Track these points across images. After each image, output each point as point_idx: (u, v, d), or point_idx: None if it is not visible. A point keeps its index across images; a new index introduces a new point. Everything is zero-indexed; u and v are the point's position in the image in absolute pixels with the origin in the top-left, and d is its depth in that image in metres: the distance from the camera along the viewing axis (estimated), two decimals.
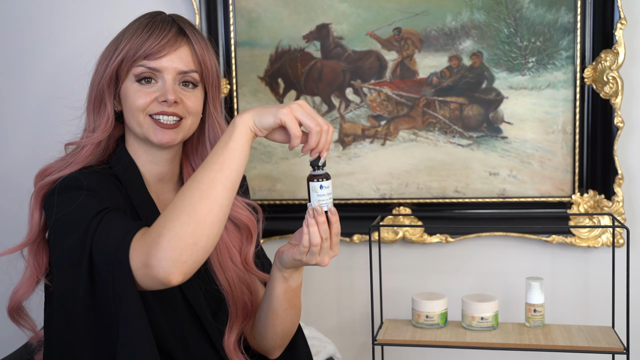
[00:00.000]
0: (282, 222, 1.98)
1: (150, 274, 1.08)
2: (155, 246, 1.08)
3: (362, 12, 1.93)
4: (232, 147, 1.13)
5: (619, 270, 1.77)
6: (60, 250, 1.21)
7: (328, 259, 1.24)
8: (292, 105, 1.15)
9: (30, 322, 1.40)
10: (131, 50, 1.28)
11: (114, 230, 1.14)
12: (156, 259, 1.07)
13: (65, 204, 1.21)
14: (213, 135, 1.40)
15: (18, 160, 2.09)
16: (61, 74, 2.03)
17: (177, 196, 1.12)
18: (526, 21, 1.87)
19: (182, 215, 1.08)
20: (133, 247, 1.11)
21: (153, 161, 1.35)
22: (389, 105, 1.95)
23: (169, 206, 1.12)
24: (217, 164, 1.12)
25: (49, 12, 2.04)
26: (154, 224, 1.11)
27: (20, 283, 1.34)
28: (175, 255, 1.07)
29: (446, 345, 1.69)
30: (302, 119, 1.14)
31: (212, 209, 1.10)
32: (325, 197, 1.21)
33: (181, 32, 1.31)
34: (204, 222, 1.09)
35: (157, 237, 1.08)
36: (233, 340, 1.36)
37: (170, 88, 1.29)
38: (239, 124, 1.14)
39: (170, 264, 1.07)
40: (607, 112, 1.86)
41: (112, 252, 1.11)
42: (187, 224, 1.08)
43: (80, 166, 1.28)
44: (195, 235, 1.08)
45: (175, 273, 1.07)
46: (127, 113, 1.31)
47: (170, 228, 1.08)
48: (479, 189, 1.95)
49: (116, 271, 1.11)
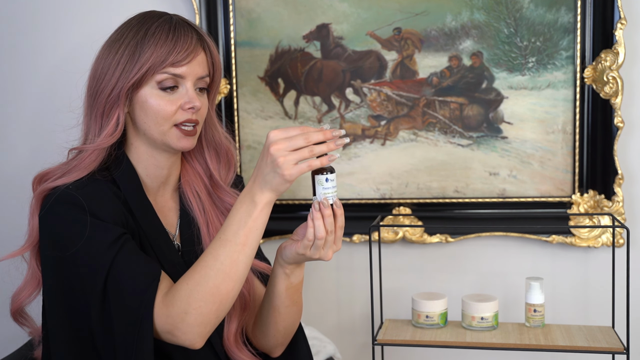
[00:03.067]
0: (282, 222, 1.98)
1: (174, 341, 1.20)
2: (181, 322, 1.18)
3: (362, 12, 1.93)
4: (253, 227, 1.18)
5: (619, 270, 1.77)
6: (56, 270, 1.23)
7: (331, 253, 1.25)
8: (274, 148, 1.13)
9: (32, 323, 1.40)
10: (159, 58, 1.26)
11: (132, 275, 1.19)
12: (182, 332, 1.18)
13: (62, 222, 1.22)
14: (212, 137, 1.40)
15: (20, 160, 2.09)
16: (62, 74, 2.03)
17: (200, 273, 1.18)
18: (526, 21, 1.87)
19: (206, 296, 1.17)
20: (157, 314, 1.19)
21: (158, 165, 1.35)
22: (389, 105, 1.95)
23: (190, 281, 1.18)
24: (239, 244, 1.18)
25: (51, 11, 2.04)
26: (178, 296, 1.18)
27: (23, 285, 1.34)
28: (200, 329, 1.19)
29: (446, 345, 1.69)
30: (290, 145, 1.14)
31: (235, 287, 1.20)
32: (331, 190, 1.22)
33: (199, 37, 1.32)
34: (227, 299, 1.19)
35: (183, 314, 1.17)
36: (233, 332, 1.37)
37: (194, 95, 1.29)
38: (259, 202, 1.17)
39: (195, 336, 1.19)
40: (607, 112, 1.86)
41: (136, 316, 1.17)
42: (212, 303, 1.18)
43: (84, 173, 1.27)
44: (219, 311, 1.19)
45: (199, 342, 1.20)
46: (148, 120, 1.29)
47: (196, 307, 1.17)
48: (479, 189, 1.95)
49: (141, 336, 1.18)
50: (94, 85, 1.30)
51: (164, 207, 1.38)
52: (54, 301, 1.24)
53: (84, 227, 1.20)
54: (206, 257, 1.19)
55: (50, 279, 1.24)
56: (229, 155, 1.43)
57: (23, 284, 1.34)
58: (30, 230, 1.30)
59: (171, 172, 1.38)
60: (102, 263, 1.18)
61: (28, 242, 1.30)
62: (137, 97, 1.29)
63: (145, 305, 1.17)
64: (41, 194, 1.28)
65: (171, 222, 1.39)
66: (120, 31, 1.31)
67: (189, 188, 1.40)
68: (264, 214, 1.18)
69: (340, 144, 1.16)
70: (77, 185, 1.25)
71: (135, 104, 1.29)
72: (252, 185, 1.17)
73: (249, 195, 1.17)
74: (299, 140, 1.13)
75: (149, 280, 1.19)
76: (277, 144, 1.13)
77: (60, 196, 1.23)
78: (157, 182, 1.37)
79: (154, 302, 1.18)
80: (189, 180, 1.41)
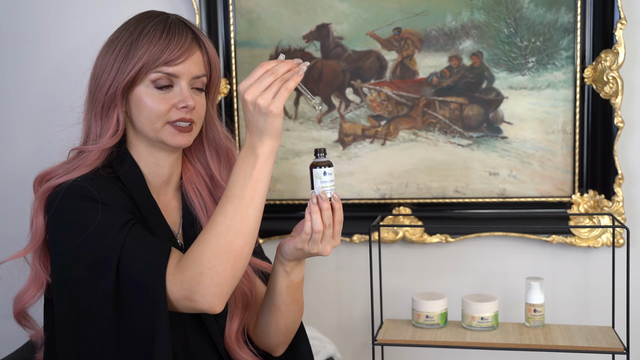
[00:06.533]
0: (282, 222, 1.98)
1: (193, 307, 1.18)
2: (197, 284, 1.15)
3: (362, 12, 1.93)
4: (259, 178, 1.16)
5: (619, 270, 1.77)
6: (71, 261, 1.21)
7: (330, 248, 1.25)
8: (249, 95, 1.13)
9: (34, 324, 1.40)
10: (152, 57, 1.27)
11: (144, 250, 1.18)
12: (200, 294, 1.16)
13: (74, 212, 1.21)
14: (212, 137, 1.40)
15: (21, 161, 2.10)
16: (62, 74, 2.03)
17: (210, 232, 1.16)
18: (526, 21, 1.87)
19: (220, 253, 1.15)
20: (171, 281, 1.17)
21: (158, 164, 1.35)
22: (389, 105, 1.95)
23: (202, 242, 1.17)
24: (246, 198, 1.16)
25: (51, 12, 2.04)
26: (190, 259, 1.17)
27: (26, 287, 1.33)
28: (218, 290, 1.16)
29: (446, 345, 1.69)
30: (261, 89, 1.13)
31: (247, 241, 1.17)
32: (329, 184, 1.22)
33: (195, 36, 1.32)
34: (241, 255, 1.17)
35: (198, 276, 1.15)
36: (234, 330, 1.37)
37: (188, 94, 1.29)
38: (261, 153, 1.15)
39: (214, 298, 1.16)
40: (607, 112, 1.86)
41: (148, 283, 1.16)
42: (226, 261, 1.16)
43: (87, 170, 1.27)
44: (234, 269, 1.17)
45: (219, 304, 1.17)
46: (142, 118, 1.30)
47: (211, 267, 1.15)
48: (479, 189, 1.95)
49: (154, 303, 1.16)
50: (93, 84, 1.32)
51: (167, 206, 1.38)
52: (63, 301, 1.23)
53: (95, 212, 1.20)
54: (215, 216, 1.18)
55: (60, 275, 1.23)
56: (229, 155, 1.43)
57: (26, 286, 1.33)
58: (33, 231, 1.29)
59: (172, 171, 1.38)
60: (115, 245, 1.18)
61: (32, 243, 1.30)
62: (133, 95, 1.30)
63: (158, 272, 1.16)
64: (45, 193, 1.27)
65: (174, 220, 1.39)
66: (118, 31, 1.33)
67: (190, 187, 1.40)
68: (268, 163, 1.16)
69: (302, 72, 1.16)
70: (84, 178, 1.25)
71: (131, 102, 1.30)
72: (251, 139, 1.16)
73: (249, 149, 1.16)
74: (267, 78, 1.13)
75: (158, 253, 1.18)
76: (249, 90, 1.13)
77: (69, 189, 1.23)
78: (159, 180, 1.37)
79: (166, 270, 1.17)
80: (190, 179, 1.41)
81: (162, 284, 1.16)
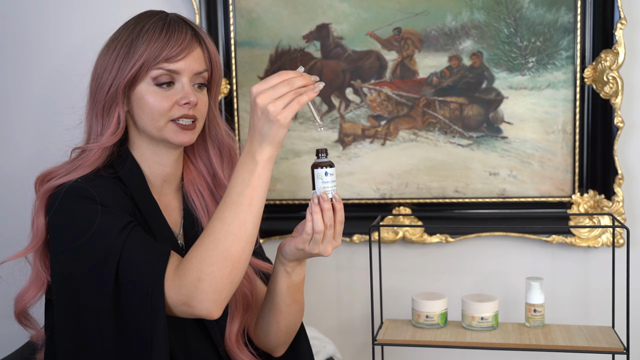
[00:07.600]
0: (282, 222, 1.98)
1: (191, 312, 1.18)
2: (195, 290, 1.15)
3: (362, 12, 1.93)
4: (257, 185, 1.16)
5: (619, 270, 1.77)
6: (70, 262, 1.21)
7: (331, 248, 1.25)
8: (261, 99, 1.12)
9: (35, 324, 1.40)
10: (152, 54, 1.27)
11: (143, 254, 1.19)
12: (198, 300, 1.16)
13: (73, 213, 1.21)
14: (215, 134, 1.40)
15: (22, 161, 2.09)
16: (64, 75, 2.03)
17: (209, 239, 1.16)
18: (526, 21, 1.87)
19: (218, 259, 1.15)
20: (169, 287, 1.17)
21: (160, 162, 1.35)
22: (389, 105, 1.95)
23: (200, 248, 1.17)
24: (244, 204, 1.16)
25: (52, 13, 2.05)
26: (189, 265, 1.17)
27: (27, 287, 1.33)
28: (216, 296, 1.16)
29: (446, 345, 1.70)
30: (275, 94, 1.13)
31: (245, 248, 1.17)
32: (330, 185, 1.22)
33: (195, 33, 1.32)
34: (239, 261, 1.17)
35: (196, 282, 1.15)
36: (234, 332, 1.37)
37: (190, 90, 1.29)
38: (260, 159, 1.15)
39: (212, 304, 1.16)
40: (607, 112, 1.86)
41: (147, 288, 1.16)
42: (224, 267, 1.16)
43: (88, 170, 1.27)
44: (232, 275, 1.17)
45: (217, 310, 1.17)
46: (144, 116, 1.30)
47: (209, 273, 1.15)
48: (479, 189, 1.95)
49: (153, 307, 1.16)
50: (94, 84, 1.32)
51: (168, 207, 1.38)
52: (62, 302, 1.23)
53: (95, 214, 1.20)
54: (213, 222, 1.18)
55: (59, 276, 1.23)
56: (231, 153, 1.43)
57: (27, 285, 1.33)
58: (34, 231, 1.30)
59: (174, 170, 1.38)
60: (115, 247, 1.18)
61: (32, 243, 1.30)
62: (134, 94, 1.30)
63: (156, 276, 1.16)
64: (46, 193, 1.27)
65: (175, 221, 1.39)
66: (118, 31, 1.33)
67: (191, 187, 1.40)
68: (267, 170, 1.16)
69: (317, 90, 1.15)
70: (85, 179, 1.25)
71: (133, 101, 1.30)
72: (251, 145, 1.15)
73: (249, 155, 1.16)
74: (282, 87, 1.12)
75: (158, 256, 1.18)
76: (262, 94, 1.12)
77: (69, 189, 1.23)
78: (160, 180, 1.37)
79: (164, 274, 1.17)
80: (191, 179, 1.41)
81: (160, 289, 1.16)
